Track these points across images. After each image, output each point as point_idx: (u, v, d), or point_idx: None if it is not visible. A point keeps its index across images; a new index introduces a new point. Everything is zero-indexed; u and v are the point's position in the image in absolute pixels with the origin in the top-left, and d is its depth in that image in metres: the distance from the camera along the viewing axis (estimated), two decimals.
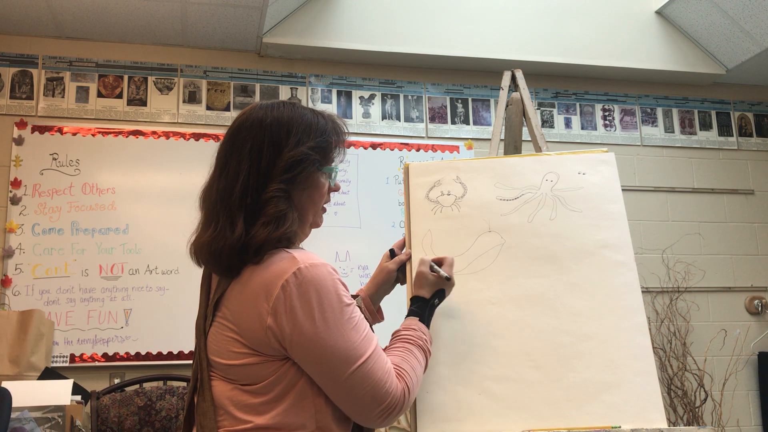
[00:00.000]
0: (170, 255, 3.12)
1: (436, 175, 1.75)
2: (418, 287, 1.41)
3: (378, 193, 3.46)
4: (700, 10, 3.58)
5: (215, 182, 1.23)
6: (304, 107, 1.28)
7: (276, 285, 1.11)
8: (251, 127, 1.22)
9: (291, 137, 1.21)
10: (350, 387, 1.12)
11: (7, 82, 3.22)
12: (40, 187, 3.12)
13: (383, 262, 1.63)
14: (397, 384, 1.17)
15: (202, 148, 3.29)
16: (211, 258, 1.18)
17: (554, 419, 1.42)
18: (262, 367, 1.13)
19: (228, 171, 1.21)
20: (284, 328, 1.10)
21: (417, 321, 1.35)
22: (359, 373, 1.12)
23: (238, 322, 1.15)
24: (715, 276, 3.76)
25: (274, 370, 1.13)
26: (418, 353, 1.27)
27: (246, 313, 1.14)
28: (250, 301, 1.13)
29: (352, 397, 1.13)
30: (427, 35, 3.54)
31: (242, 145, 1.21)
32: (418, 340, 1.30)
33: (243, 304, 1.15)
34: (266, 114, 1.23)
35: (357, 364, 1.12)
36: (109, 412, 2.74)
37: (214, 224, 1.19)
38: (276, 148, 1.20)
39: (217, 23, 3.24)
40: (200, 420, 1.17)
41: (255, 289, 1.13)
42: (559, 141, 3.75)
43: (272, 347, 1.12)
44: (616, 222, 1.63)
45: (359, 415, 1.16)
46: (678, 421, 3.36)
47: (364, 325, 1.17)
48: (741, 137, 4.02)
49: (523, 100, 2.07)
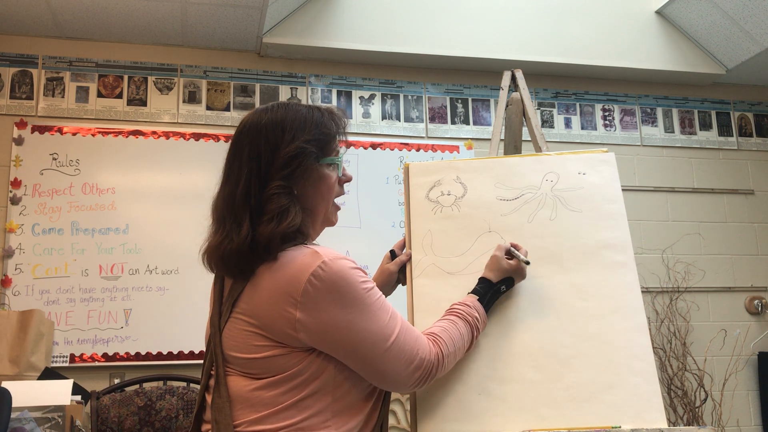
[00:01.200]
0: (170, 255, 3.12)
1: (436, 175, 1.75)
2: (488, 270, 1.48)
3: (378, 193, 3.46)
4: (700, 10, 3.58)
5: (222, 190, 1.27)
6: (300, 104, 1.31)
7: (302, 279, 1.15)
8: (249, 132, 1.26)
9: (286, 134, 1.24)
10: (388, 362, 1.19)
11: (7, 82, 3.22)
12: (40, 187, 3.12)
13: (384, 263, 1.64)
14: (431, 349, 1.25)
15: (202, 148, 3.29)
16: (222, 261, 1.22)
17: (554, 419, 1.42)
18: (287, 358, 1.16)
19: (231, 177, 1.25)
20: (316, 321, 1.14)
21: (475, 299, 1.43)
22: (394, 348, 1.19)
23: (260, 317, 1.17)
24: (715, 276, 3.76)
25: (298, 361, 1.16)
26: (463, 326, 1.36)
27: (269, 307, 1.16)
28: (274, 295, 1.16)
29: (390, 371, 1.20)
30: (427, 35, 3.54)
31: (242, 151, 1.25)
32: (468, 315, 1.38)
33: (264, 299, 1.17)
34: (261, 117, 1.27)
35: (391, 340, 1.19)
36: (109, 412, 2.74)
37: (222, 229, 1.23)
38: (273, 148, 1.23)
39: (217, 23, 3.24)
40: (215, 416, 1.18)
41: (278, 284, 1.16)
42: (559, 141, 3.75)
43: (299, 339, 1.15)
44: (616, 222, 1.63)
45: (398, 384, 1.23)
46: (678, 421, 3.36)
47: (388, 304, 1.23)
48: (741, 137, 4.02)
49: (523, 100, 2.07)
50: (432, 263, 1.63)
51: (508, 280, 1.48)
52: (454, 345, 1.31)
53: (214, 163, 2.57)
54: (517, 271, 1.49)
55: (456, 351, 1.33)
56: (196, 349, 3.08)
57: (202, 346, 3.08)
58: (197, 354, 3.07)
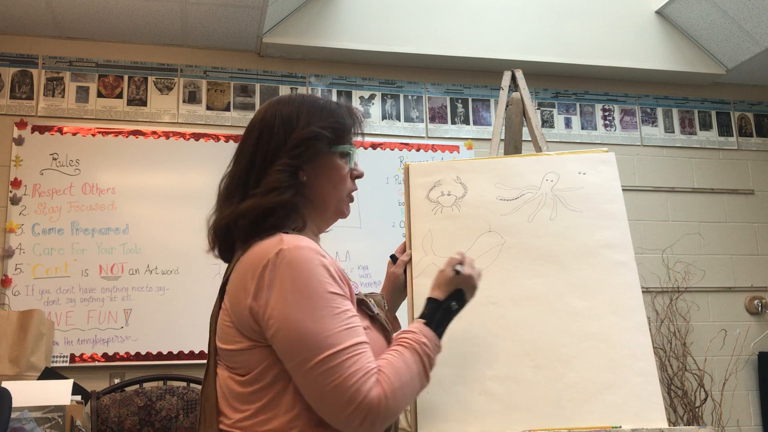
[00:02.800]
0: (170, 255, 3.12)
1: (436, 176, 1.75)
2: (433, 287, 1.29)
3: (378, 193, 3.46)
4: (700, 10, 3.58)
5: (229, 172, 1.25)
6: (318, 96, 1.30)
7: (260, 265, 1.09)
8: (263, 117, 1.25)
9: (301, 118, 1.22)
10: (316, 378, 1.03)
11: (7, 82, 3.22)
12: (40, 187, 3.12)
13: (388, 269, 1.65)
14: (374, 388, 1.04)
15: (202, 148, 3.29)
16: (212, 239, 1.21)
17: (555, 419, 1.42)
18: (252, 353, 1.10)
19: (240, 158, 1.24)
20: (261, 308, 1.08)
21: (421, 324, 1.21)
22: (327, 364, 1.03)
23: (231, 306, 1.14)
24: (715, 276, 3.76)
25: (264, 357, 1.10)
26: (410, 357, 1.13)
27: (236, 294, 1.13)
28: (239, 282, 1.12)
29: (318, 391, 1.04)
30: (427, 35, 3.54)
31: (255, 134, 1.23)
32: (414, 343, 1.16)
33: (233, 286, 1.14)
34: (279, 105, 1.26)
35: (327, 353, 1.03)
36: (109, 412, 2.74)
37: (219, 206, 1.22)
38: (287, 129, 1.21)
39: (217, 23, 3.24)
40: (203, 404, 1.18)
41: (243, 270, 1.12)
42: (559, 141, 3.75)
43: (254, 330, 1.10)
44: (616, 222, 1.63)
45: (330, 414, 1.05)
46: (678, 421, 3.36)
47: (351, 319, 1.09)
48: (741, 137, 4.02)
49: (523, 100, 2.07)
50: (432, 263, 1.62)
51: (457, 294, 1.27)
52: (399, 381, 1.09)
53: (214, 163, 2.58)
54: (462, 282, 1.27)
55: (403, 385, 1.09)
56: (196, 349, 3.08)
57: (202, 346, 3.08)
58: (197, 354, 3.07)
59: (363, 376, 1.04)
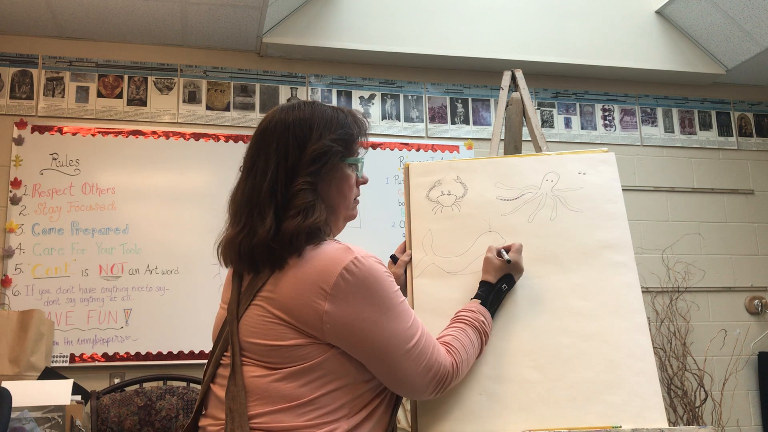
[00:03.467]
0: (170, 255, 3.12)
1: (436, 175, 1.75)
2: (485, 272, 1.50)
3: (378, 193, 3.46)
4: (700, 10, 3.58)
5: (243, 184, 1.28)
6: (324, 104, 1.34)
7: (333, 272, 1.16)
8: (275, 129, 1.28)
9: (314, 132, 1.27)
10: (407, 365, 1.21)
11: (7, 82, 3.22)
12: (40, 187, 3.12)
13: (389, 268, 1.64)
14: (446, 357, 1.27)
15: (202, 148, 3.29)
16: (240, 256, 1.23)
17: (555, 419, 1.42)
18: (309, 348, 1.17)
19: (256, 171, 1.26)
20: (344, 314, 1.16)
21: (478, 303, 1.45)
22: (414, 352, 1.21)
23: (285, 307, 1.17)
24: (715, 276, 3.76)
25: (320, 353, 1.17)
26: (472, 333, 1.38)
27: (296, 297, 1.17)
28: (303, 286, 1.17)
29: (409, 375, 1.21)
30: (427, 35, 3.54)
31: (268, 146, 1.27)
32: (475, 321, 1.40)
33: (291, 290, 1.18)
34: (288, 115, 1.29)
35: (411, 343, 1.21)
36: (109, 412, 2.74)
37: (243, 223, 1.24)
38: (301, 145, 1.25)
39: (217, 23, 3.24)
40: (230, 404, 1.18)
41: (308, 276, 1.17)
42: (559, 141, 3.75)
43: (323, 332, 1.16)
44: (617, 222, 1.63)
45: (414, 389, 1.24)
46: (678, 421, 3.36)
47: (411, 309, 1.26)
48: (741, 137, 4.02)
49: (523, 100, 2.07)
50: (432, 263, 1.63)
51: (507, 277, 1.50)
52: (466, 353, 1.34)
53: (214, 163, 2.59)
54: (512, 267, 1.50)
55: (468, 359, 1.35)
56: (196, 349, 3.08)
57: (202, 346, 3.08)
58: (197, 354, 3.07)
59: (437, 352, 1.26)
